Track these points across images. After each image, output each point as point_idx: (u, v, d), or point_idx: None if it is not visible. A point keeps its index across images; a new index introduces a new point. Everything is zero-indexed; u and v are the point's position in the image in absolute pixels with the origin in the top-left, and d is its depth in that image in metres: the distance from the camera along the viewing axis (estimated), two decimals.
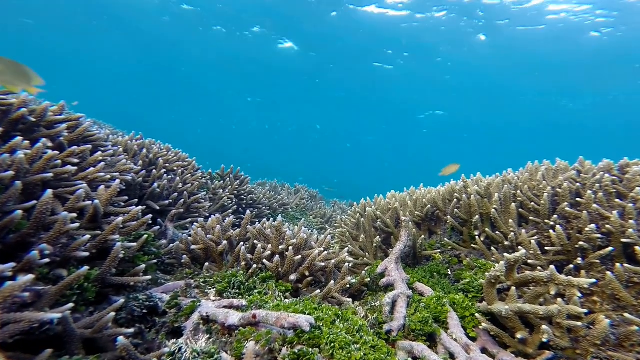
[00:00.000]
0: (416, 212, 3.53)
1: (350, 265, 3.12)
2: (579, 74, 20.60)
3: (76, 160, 2.21)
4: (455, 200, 3.32)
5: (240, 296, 2.15)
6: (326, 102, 38.08)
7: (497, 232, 2.95)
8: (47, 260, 1.52)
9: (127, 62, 32.04)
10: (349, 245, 3.55)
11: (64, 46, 29.81)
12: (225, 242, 2.54)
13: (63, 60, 34.66)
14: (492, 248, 2.90)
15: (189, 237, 2.67)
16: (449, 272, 2.98)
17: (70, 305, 1.42)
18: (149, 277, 1.97)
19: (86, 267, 1.58)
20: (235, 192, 4.98)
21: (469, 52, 20.52)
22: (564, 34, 17.10)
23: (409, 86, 27.66)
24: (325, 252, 2.60)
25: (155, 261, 2.32)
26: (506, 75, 22.86)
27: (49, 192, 1.64)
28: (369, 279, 2.68)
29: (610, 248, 2.32)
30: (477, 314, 2.25)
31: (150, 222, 2.30)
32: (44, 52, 32.28)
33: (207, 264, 2.48)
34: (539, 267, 2.51)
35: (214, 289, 2.20)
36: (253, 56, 25.96)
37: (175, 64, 30.92)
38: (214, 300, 2.07)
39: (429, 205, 3.49)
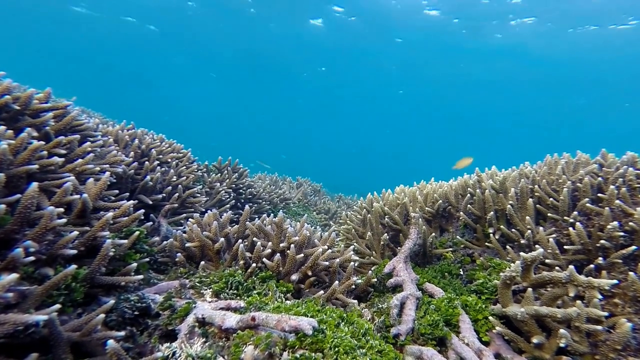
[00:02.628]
0: (426, 208, 3.51)
1: (356, 264, 3.11)
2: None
3: (63, 151, 2.20)
4: (469, 195, 3.30)
5: (238, 297, 2.15)
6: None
7: (512, 230, 2.93)
8: (32, 258, 1.51)
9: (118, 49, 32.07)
10: (355, 243, 3.54)
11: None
12: (222, 239, 2.54)
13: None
14: (508, 246, 2.88)
15: (184, 234, 2.66)
16: (461, 272, 2.96)
17: (57, 306, 1.41)
18: (140, 276, 1.96)
19: (74, 266, 1.57)
20: (234, 185, 4.97)
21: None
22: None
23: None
24: (329, 251, 2.60)
25: (147, 259, 2.31)
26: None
27: (34, 185, 1.63)
28: (375, 280, 2.67)
29: (634, 247, 2.31)
30: (490, 317, 2.24)
31: (142, 217, 2.29)
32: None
33: (203, 262, 2.48)
34: (557, 267, 2.49)
35: (210, 290, 2.19)
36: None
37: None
38: (210, 302, 2.07)
39: (441, 201, 3.46)
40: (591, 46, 18.65)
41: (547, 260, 2.55)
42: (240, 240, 2.53)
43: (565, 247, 2.60)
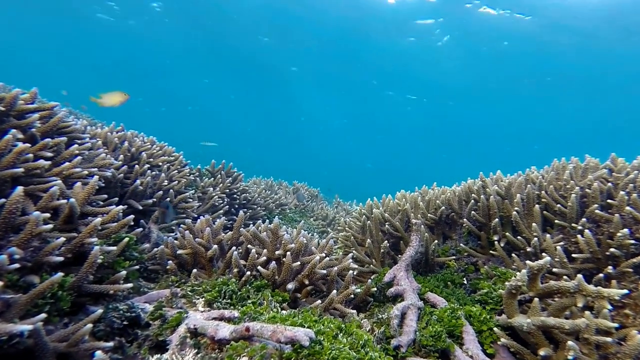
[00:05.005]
0: (429, 215, 3.53)
1: (355, 273, 3.11)
2: None
3: (50, 154, 2.21)
4: (473, 201, 3.32)
5: (231, 307, 2.15)
6: None
7: (518, 237, 2.95)
8: (17, 265, 1.52)
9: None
10: (354, 251, 3.55)
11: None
12: (215, 246, 2.54)
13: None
14: (513, 255, 2.89)
15: (175, 241, 2.67)
16: (465, 281, 2.97)
17: (43, 315, 1.41)
18: (130, 284, 1.97)
19: (60, 274, 1.57)
20: (227, 190, 4.98)
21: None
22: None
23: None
24: (327, 259, 2.60)
25: (137, 267, 2.31)
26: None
27: (19, 189, 1.64)
28: (375, 289, 2.67)
29: None
30: (495, 328, 2.24)
31: (132, 223, 2.30)
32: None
33: (195, 270, 2.48)
34: (565, 276, 2.50)
35: (203, 299, 2.20)
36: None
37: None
38: (202, 311, 2.07)
39: (443, 207, 3.48)
40: None
41: (554, 269, 2.56)
42: (234, 248, 2.54)
43: (573, 255, 2.62)
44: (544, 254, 2.70)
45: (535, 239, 2.78)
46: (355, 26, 21.28)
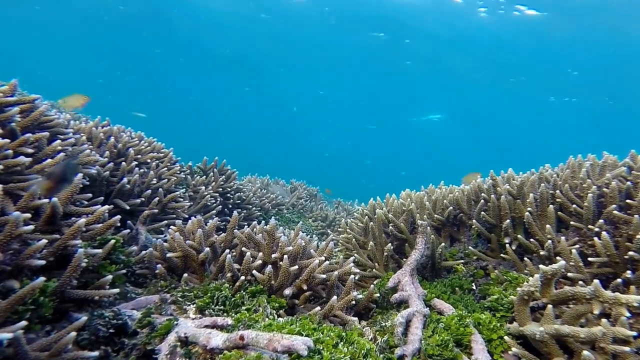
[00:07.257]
0: (435, 215, 3.53)
1: (357, 277, 3.12)
2: None
3: (31, 150, 2.20)
4: (483, 201, 3.31)
5: (225, 314, 2.15)
6: None
7: (531, 240, 2.95)
8: None
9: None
10: (355, 254, 3.55)
11: None
12: (207, 249, 2.54)
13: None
14: (525, 258, 2.89)
15: (165, 243, 2.67)
16: (474, 287, 2.97)
17: (23, 323, 1.41)
18: (116, 290, 1.97)
19: (42, 278, 1.57)
20: (220, 189, 4.97)
21: None
22: None
23: None
24: (327, 262, 2.60)
25: (124, 271, 2.30)
26: None
27: None
28: (378, 295, 2.68)
29: None
30: (506, 337, 2.24)
31: (119, 224, 2.29)
32: None
33: (185, 275, 2.48)
34: (580, 282, 2.50)
35: (194, 305, 2.20)
36: None
37: None
38: (193, 319, 2.07)
39: (451, 207, 3.48)
40: None
41: (569, 274, 2.56)
42: (227, 251, 2.54)
43: (589, 259, 2.62)
44: (558, 257, 2.69)
45: (549, 241, 2.78)
46: None
